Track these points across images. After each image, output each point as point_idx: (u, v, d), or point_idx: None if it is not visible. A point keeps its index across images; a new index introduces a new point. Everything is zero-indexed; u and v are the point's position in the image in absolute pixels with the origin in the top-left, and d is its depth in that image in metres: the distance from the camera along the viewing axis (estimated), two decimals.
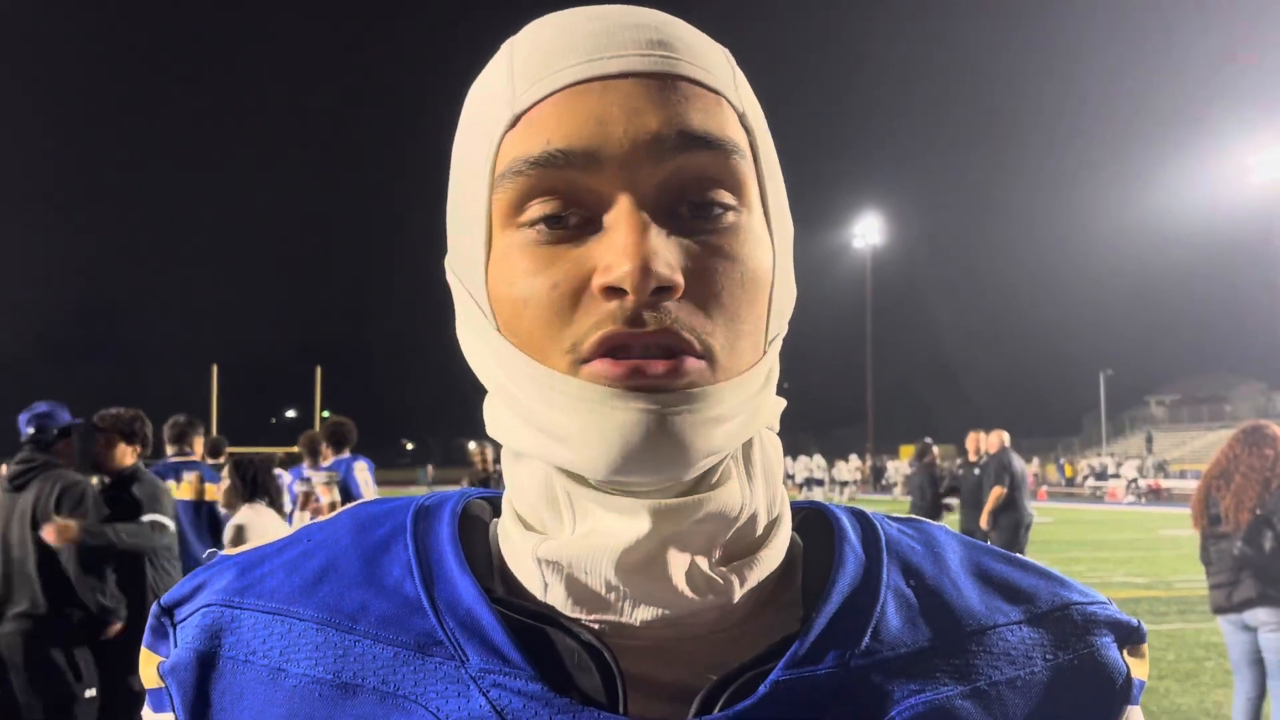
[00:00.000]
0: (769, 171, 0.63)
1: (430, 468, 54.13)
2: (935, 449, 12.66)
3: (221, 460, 10.00)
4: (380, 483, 8.30)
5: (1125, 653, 0.67)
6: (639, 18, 0.61)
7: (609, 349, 0.56)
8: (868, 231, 59.06)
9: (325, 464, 7.98)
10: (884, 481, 45.94)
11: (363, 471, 7.95)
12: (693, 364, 0.56)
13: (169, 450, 6.86)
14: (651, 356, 0.56)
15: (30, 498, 4.84)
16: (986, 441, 10.67)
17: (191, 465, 6.63)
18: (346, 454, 8.02)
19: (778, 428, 0.68)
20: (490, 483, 8.82)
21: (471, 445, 9.36)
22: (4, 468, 6.30)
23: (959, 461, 11.50)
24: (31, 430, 5.03)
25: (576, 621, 0.59)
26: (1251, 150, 48.62)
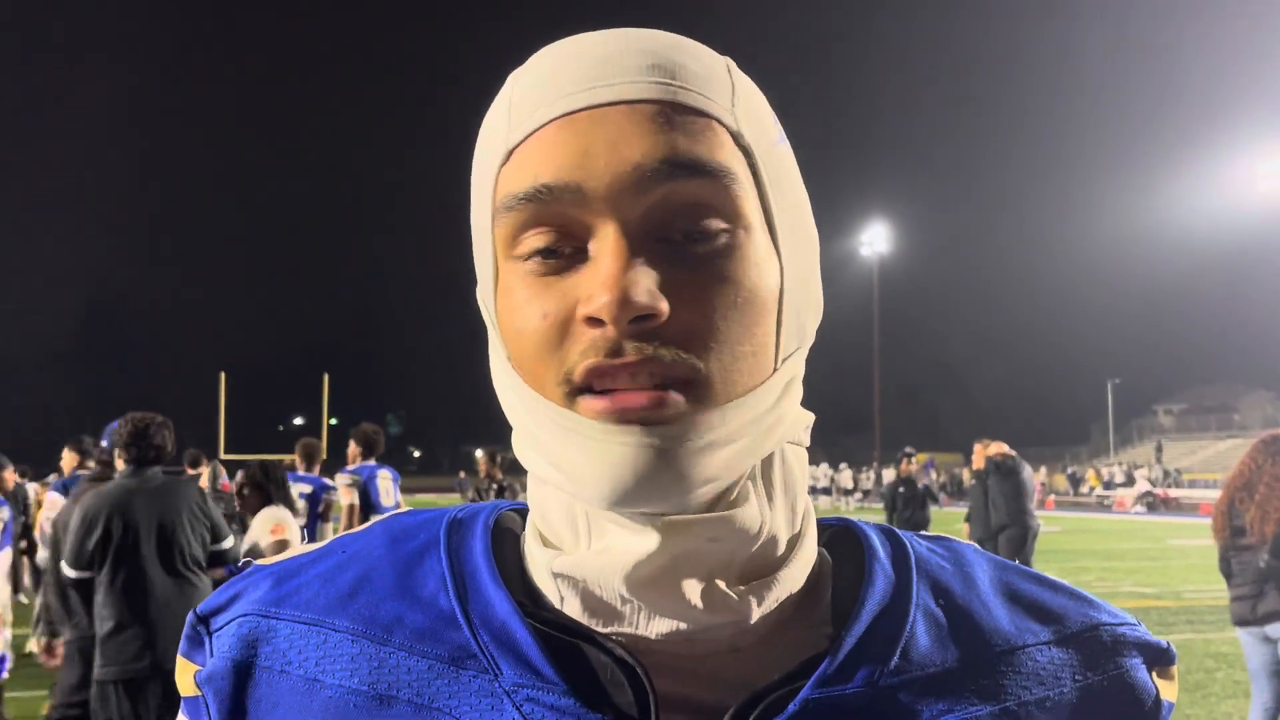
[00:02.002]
0: (775, 188, 0.63)
1: (462, 474, 54.23)
2: (914, 460, 12.49)
3: (202, 470, 10.11)
4: None
5: (1154, 674, 0.67)
6: (639, 42, 0.61)
7: (595, 379, 0.57)
8: (875, 240, 59.09)
9: (350, 467, 8.06)
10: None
11: (385, 480, 8.02)
12: (674, 397, 0.56)
13: (77, 463, 8.19)
14: (637, 385, 0.56)
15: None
16: (989, 453, 10.67)
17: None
18: (372, 461, 8.09)
19: (806, 442, 0.67)
20: (494, 492, 8.83)
21: (479, 453, 9.36)
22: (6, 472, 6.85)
23: (967, 472, 11.45)
24: (105, 444, 5.30)
25: (608, 637, 0.59)
26: (1261, 158, 48.58)
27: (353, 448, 8.20)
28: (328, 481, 8.48)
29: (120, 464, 5.04)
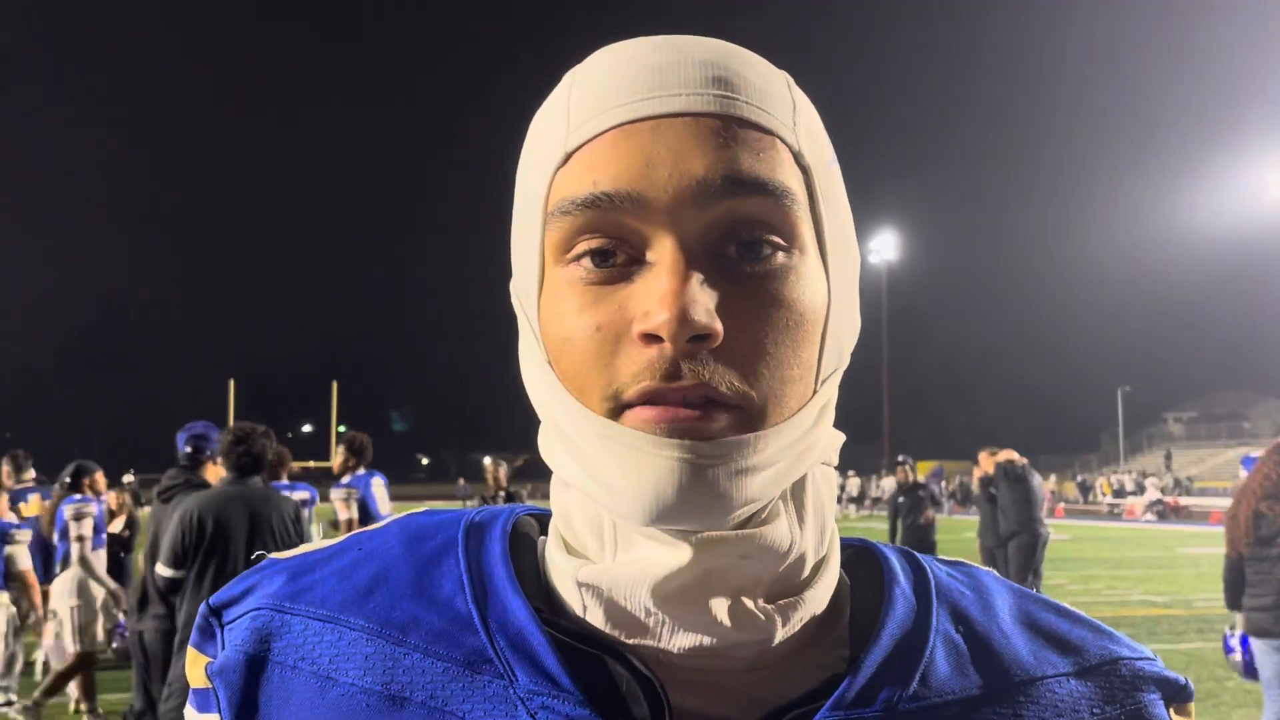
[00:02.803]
0: (828, 206, 0.62)
1: (462, 480, 54.04)
2: (909, 467, 12.47)
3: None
4: (396, 498, 8.28)
5: (1172, 710, 0.66)
6: (701, 52, 0.60)
7: (646, 400, 0.56)
8: (883, 248, 59.02)
9: (345, 480, 7.93)
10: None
11: (379, 487, 7.92)
12: (723, 414, 0.56)
13: (15, 477, 8.81)
14: (688, 405, 0.56)
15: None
16: (998, 459, 10.64)
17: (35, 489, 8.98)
18: (363, 470, 8.00)
19: (836, 461, 0.67)
20: (500, 500, 8.79)
21: (486, 461, 9.28)
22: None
23: (975, 479, 11.43)
24: (189, 450, 5.53)
25: (628, 649, 0.59)
26: (1272, 165, 48.42)
27: (344, 455, 7.92)
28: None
29: (220, 472, 5.22)
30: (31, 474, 9.17)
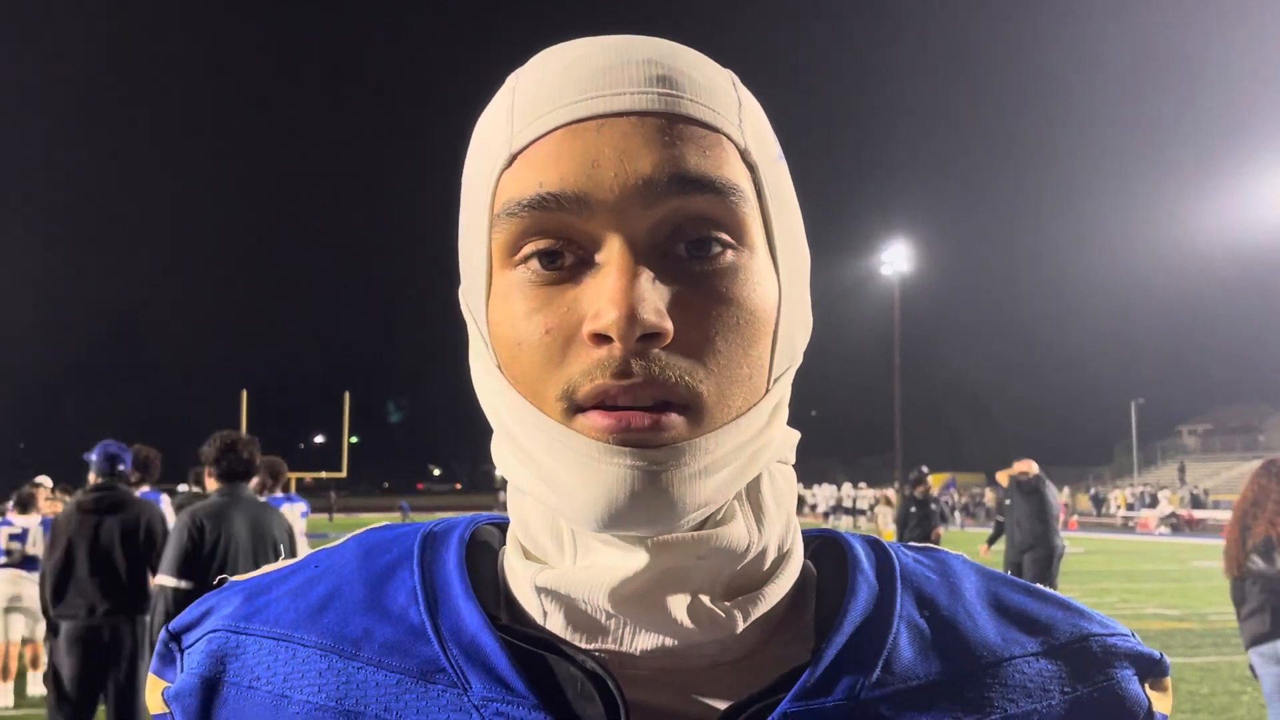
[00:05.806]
0: (775, 204, 0.62)
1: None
2: (929, 479, 12.46)
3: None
4: (411, 508, 8.20)
5: (1147, 685, 0.65)
6: (644, 51, 0.60)
7: (600, 400, 0.56)
8: (895, 259, 58.94)
9: (267, 497, 7.62)
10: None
11: (295, 516, 7.72)
12: (674, 419, 0.56)
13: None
14: (640, 406, 0.55)
15: (117, 523, 5.76)
16: (1012, 472, 10.60)
17: None
18: (279, 493, 7.76)
19: (792, 459, 0.67)
20: None
21: None
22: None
23: (998, 495, 11.38)
24: (106, 466, 5.91)
25: (586, 652, 0.59)
26: None
27: (262, 477, 7.44)
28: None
29: (213, 483, 5.26)
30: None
